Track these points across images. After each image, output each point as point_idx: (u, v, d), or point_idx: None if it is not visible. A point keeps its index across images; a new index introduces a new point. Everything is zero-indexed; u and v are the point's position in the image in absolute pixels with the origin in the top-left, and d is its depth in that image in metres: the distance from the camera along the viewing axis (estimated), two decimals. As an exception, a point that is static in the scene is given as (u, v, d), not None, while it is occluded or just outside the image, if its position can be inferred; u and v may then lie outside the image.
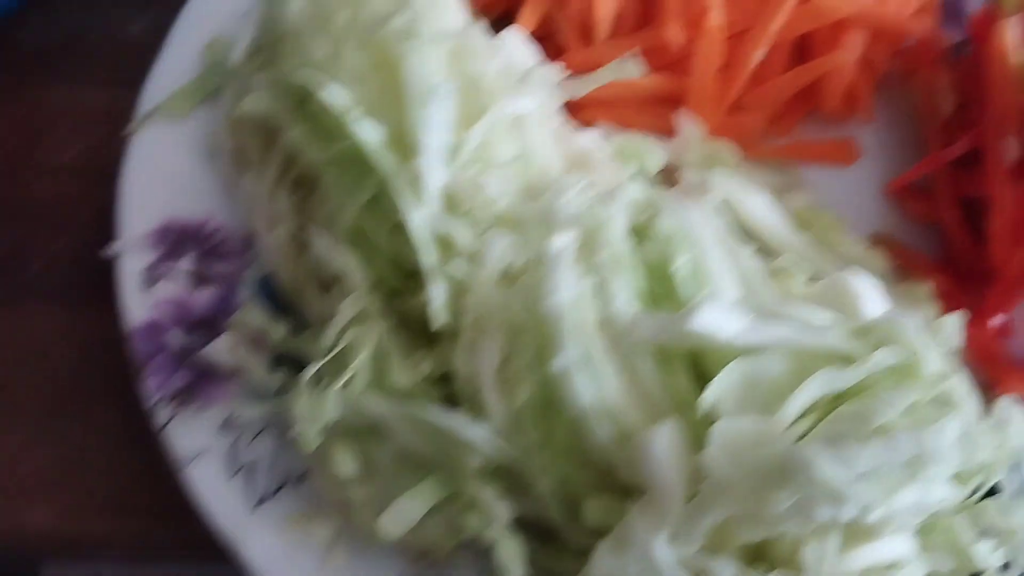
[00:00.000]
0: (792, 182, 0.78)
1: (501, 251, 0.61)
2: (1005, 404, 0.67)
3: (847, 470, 0.51)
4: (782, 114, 0.82)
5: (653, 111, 0.80)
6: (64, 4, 0.90)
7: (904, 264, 0.75)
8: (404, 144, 0.62)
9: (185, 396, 0.66)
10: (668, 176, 0.77)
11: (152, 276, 0.69)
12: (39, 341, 0.76)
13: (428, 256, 0.60)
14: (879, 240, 0.77)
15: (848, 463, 0.51)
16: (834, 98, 0.80)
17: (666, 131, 0.79)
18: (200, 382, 0.66)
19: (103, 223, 0.78)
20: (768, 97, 0.80)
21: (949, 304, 0.72)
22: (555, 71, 0.74)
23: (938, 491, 0.55)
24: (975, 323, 0.71)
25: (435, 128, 0.60)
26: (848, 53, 0.79)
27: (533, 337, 0.59)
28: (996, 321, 0.71)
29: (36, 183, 0.82)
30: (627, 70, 0.74)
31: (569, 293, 0.58)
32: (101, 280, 0.72)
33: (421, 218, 0.60)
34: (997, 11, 0.76)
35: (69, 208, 0.81)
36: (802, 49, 0.82)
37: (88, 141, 0.84)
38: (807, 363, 0.57)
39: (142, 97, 0.75)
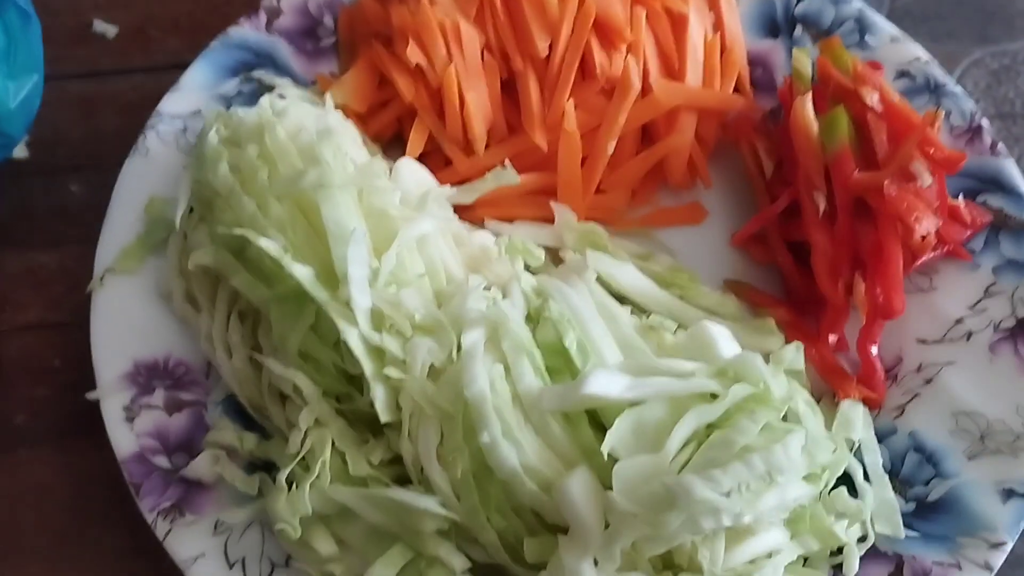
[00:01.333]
0: (654, 247, 0.93)
1: (424, 354, 0.74)
2: (846, 406, 0.84)
3: (718, 489, 0.66)
4: (639, 190, 0.98)
5: (532, 203, 0.94)
6: (5, 174, 0.99)
7: (754, 303, 0.91)
8: (331, 277, 0.75)
9: (178, 509, 0.77)
10: (554, 255, 0.92)
11: (131, 411, 0.81)
12: (35, 482, 0.86)
13: (367, 366, 0.74)
14: (731, 286, 0.92)
15: (717, 484, 0.66)
16: (678, 172, 0.96)
17: (546, 218, 0.94)
18: (189, 495, 0.78)
19: (73, 369, 0.90)
20: (625, 178, 0.96)
21: (793, 331, 0.88)
22: (446, 188, 0.88)
23: (793, 491, 0.71)
24: (815, 344, 0.87)
25: (356, 262, 0.74)
26: (683, 134, 0.95)
27: (461, 420, 0.72)
28: (831, 340, 0.88)
29: (5, 344, 0.92)
30: (506, 177, 0.89)
31: (484, 380, 0.72)
32: (83, 419, 0.84)
33: (355, 336, 0.74)
34: (796, 85, 0.93)
35: (40, 361, 0.91)
36: (647, 134, 0.98)
37: (46, 298, 0.94)
38: (681, 405, 0.72)
39: (96, 257, 0.86)
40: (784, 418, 0.74)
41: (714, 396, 0.73)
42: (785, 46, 1.01)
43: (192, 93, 0.95)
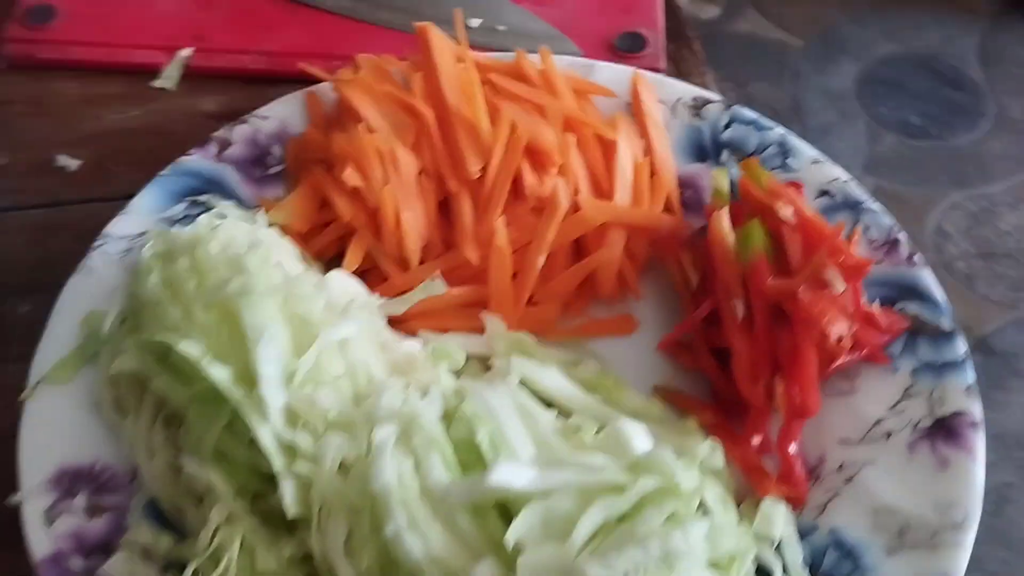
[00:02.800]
0: (583, 355, 0.95)
1: (336, 449, 0.75)
2: (767, 503, 0.84)
3: (613, 573, 0.66)
4: (572, 303, 1.00)
5: (465, 315, 0.97)
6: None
7: (682, 407, 0.92)
8: (250, 378, 0.78)
9: (91, 612, 0.77)
10: (484, 365, 0.94)
11: (51, 514, 0.82)
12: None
13: (276, 461, 0.75)
14: (659, 391, 0.94)
15: (611, 568, 0.66)
16: (608, 284, 0.99)
17: (479, 330, 0.96)
18: (102, 598, 0.78)
19: (4, 482, 0.90)
20: (556, 291, 0.99)
21: (720, 433, 0.89)
22: (375, 298, 0.91)
23: (697, 577, 0.70)
24: (739, 445, 0.88)
25: (267, 361, 0.76)
26: (612, 249, 0.98)
27: (369, 513, 0.73)
28: (755, 442, 0.88)
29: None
30: (434, 288, 0.92)
31: (392, 473, 0.73)
32: (10, 529, 0.84)
33: (267, 432, 0.75)
34: (715, 201, 0.97)
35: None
36: (581, 250, 1.02)
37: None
38: (590, 497, 0.73)
39: (32, 368, 0.89)
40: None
41: (624, 490, 0.73)
42: (713, 169, 1.05)
43: (140, 216, 0.99)
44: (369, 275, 0.99)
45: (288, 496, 0.74)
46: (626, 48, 1.24)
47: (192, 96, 1.21)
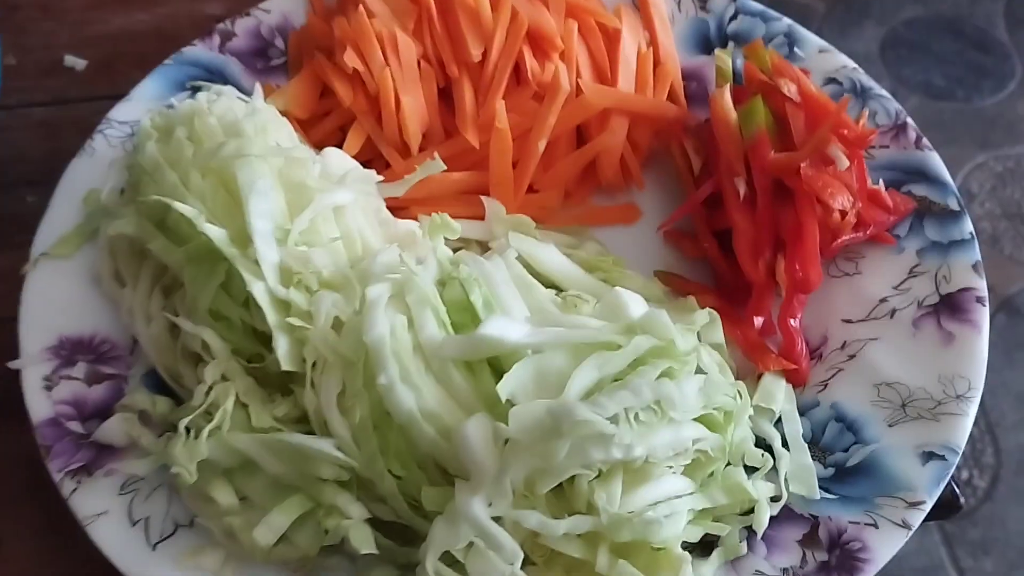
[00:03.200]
0: (583, 237, 0.95)
1: (329, 306, 0.75)
2: (767, 379, 0.83)
3: (602, 414, 0.65)
4: (574, 191, 1.00)
5: (466, 201, 0.96)
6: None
7: (683, 291, 0.91)
8: (245, 239, 0.77)
9: (86, 470, 0.77)
10: (484, 248, 0.94)
11: (51, 381, 0.82)
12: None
13: (271, 316, 0.75)
14: (660, 276, 0.93)
15: (601, 408, 0.66)
16: (610, 172, 0.98)
17: (480, 216, 0.96)
18: (99, 458, 0.78)
19: (6, 358, 0.91)
20: (557, 177, 0.98)
21: (722, 317, 0.88)
22: (372, 174, 0.90)
23: (689, 431, 0.70)
24: (742, 327, 0.87)
25: (260, 216, 0.76)
26: (614, 135, 0.97)
27: (362, 367, 0.73)
28: (757, 322, 0.87)
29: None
30: (432, 167, 0.91)
31: (385, 327, 0.73)
32: (11, 402, 0.85)
33: (261, 288, 0.75)
34: (717, 81, 0.96)
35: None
36: (582, 138, 1.01)
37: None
38: (584, 354, 0.72)
39: (34, 244, 0.89)
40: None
41: (620, 348, 0.73)
42: (718, 59, 1.04)
43: (142, 103, 0.99)
44: (371, 165, 0.98)
45: (282, 350, 0.74)
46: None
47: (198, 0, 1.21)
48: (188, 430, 0.74)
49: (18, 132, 1.10)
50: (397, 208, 0.94)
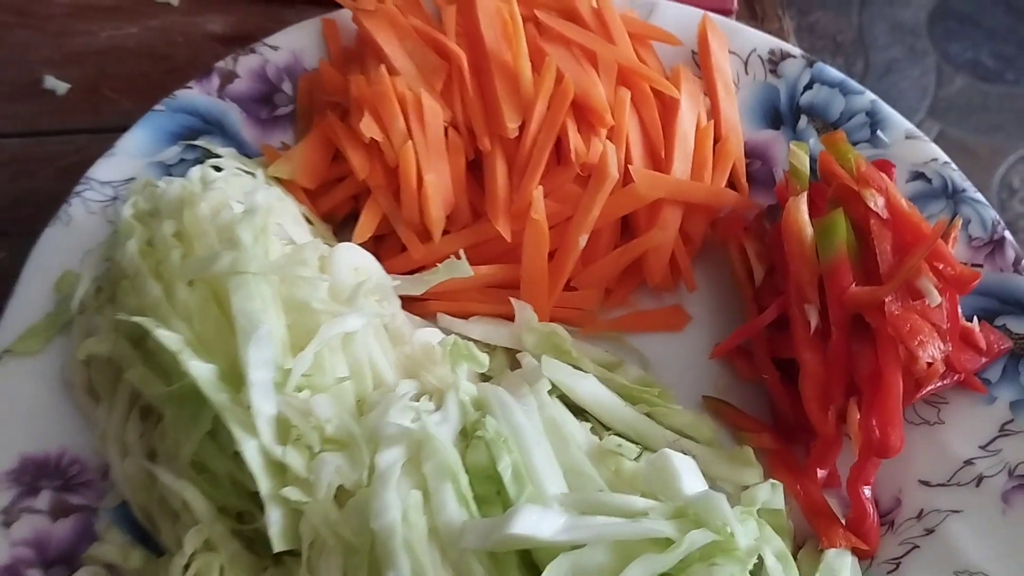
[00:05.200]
0: (626, 355, 0.83)
1: (332, 472, 0.64)
2: (832, 555, 0.72)
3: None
4: (615, 290, 0.87)
5: (492, 297, 0.85)
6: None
7: (735, 425, 0.80)
8: (236, 376, 0.66)
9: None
10: (510, 357, 0.82)
11: (10, 514, 0.71)
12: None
13: (263, 484, 0.64)
14: (710, 404, 0.82)
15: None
16: (658, 271, 0.86)
17: (506, 315, 0.84)
18: (61, 618, 0.68)
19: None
20: (598, 276, 0.86)
21: (777, 461, 0.78)
22: (390, 279, 0.78)
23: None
24: (801, 479, 0.76)
25: (258, 366, 0.64)
26: (665, 230, 0.85)
27: (367, 554, 0.62)
28: (820, 475, 0.76)
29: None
30: (457, 269, 0.79)
31: (396, 511, 0.62)
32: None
33: (254, 448, 0.64)
34: (792, 183, 0.83)
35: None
36: (627, 228, 0.88)
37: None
38: (629, 550, 0.61)
39: (-1, 334, 0.78)
40: (752, 573, 0.63)
41: (669, 541, 0.62)
42: (787, 138, 0.91)
43: (128, 159, 0.86)
44: (385, 242, 0.87)
45: (275, 527, 0.63)
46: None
47: (196, 14, 1.07)
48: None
49: (-14, 168, 0.98)
50: (412, 300, 0.82)
